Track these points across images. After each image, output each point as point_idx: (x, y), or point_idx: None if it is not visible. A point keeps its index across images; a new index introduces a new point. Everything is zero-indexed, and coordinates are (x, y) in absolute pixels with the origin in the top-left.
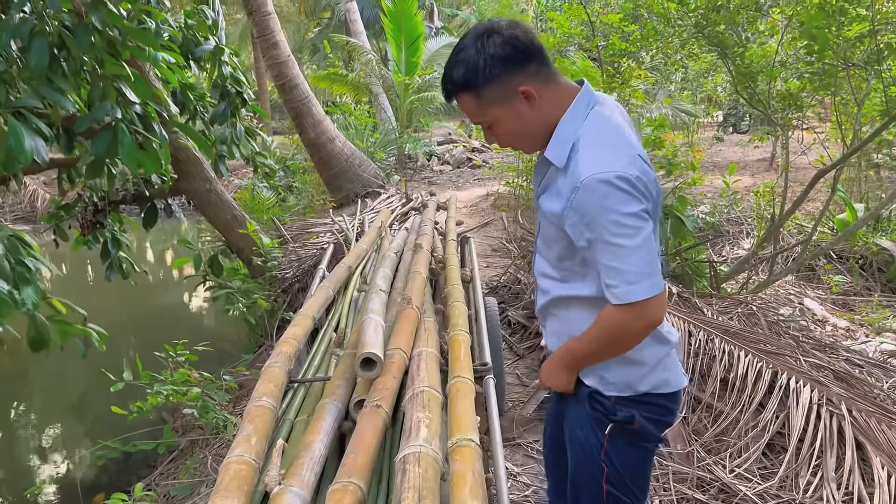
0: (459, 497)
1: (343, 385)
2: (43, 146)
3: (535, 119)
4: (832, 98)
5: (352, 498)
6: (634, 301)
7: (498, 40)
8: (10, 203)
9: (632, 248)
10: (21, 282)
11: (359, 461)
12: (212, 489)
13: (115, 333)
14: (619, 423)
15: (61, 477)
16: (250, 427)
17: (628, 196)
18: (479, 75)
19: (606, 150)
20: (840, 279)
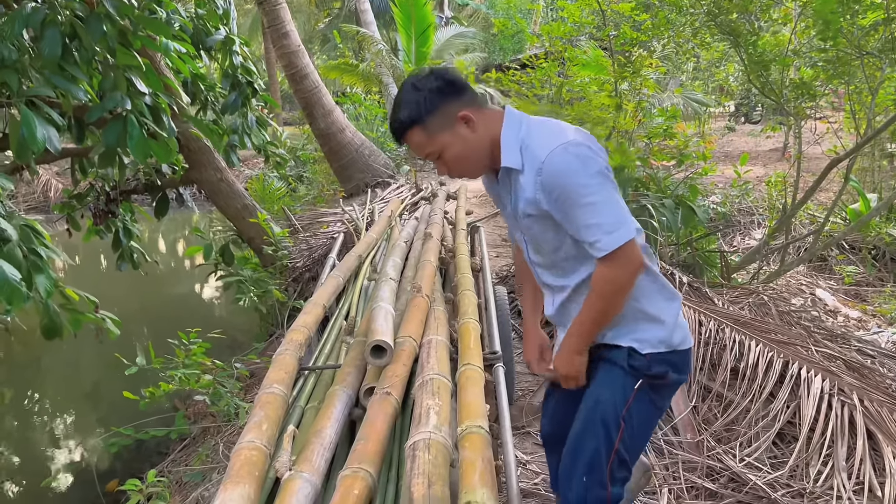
0: (469, 484)
1: (353, 372)
2: (55, 135)
3: (476, 141)
4: (846, 87)
5: (362, 484)
6: (617, 247)
7: (431, 78)
8: (24, 193)
9: (603, 202)
10: (33, 270)
11: (369, 448)
12: (223, 475)
13: (128, 323)
14: (652, 377)
15: (76, 464)
16: (261, 414)
17: (586, 158)
18: (421, 109)
19: (552, 131)
20: (852, 269)
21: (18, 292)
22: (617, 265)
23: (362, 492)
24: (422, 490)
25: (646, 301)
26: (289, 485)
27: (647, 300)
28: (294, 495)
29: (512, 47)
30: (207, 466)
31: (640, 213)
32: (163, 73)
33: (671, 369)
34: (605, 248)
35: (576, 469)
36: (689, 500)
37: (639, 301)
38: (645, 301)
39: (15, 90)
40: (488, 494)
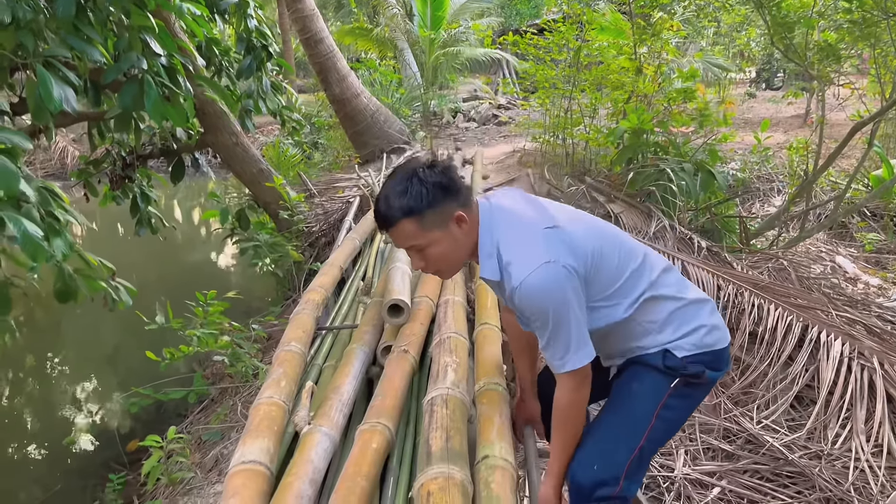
0: (487, 438)
1: (370, 331)
2: (72, 95)
3: (464, 242)
4: (871, 50)
5: (380, 438)
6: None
7: (436, 171)
8: (41, 160)
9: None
10: (51, 233)
11: (387, 403)
12: (241, 434)
13: (145, 289)
14: (689, 376)
15: (97, 425)
16: (280, 371)
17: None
18: (422, 201)
19: (524, 248)
20: (874, 237)
21: (41, 249)
22: (564, 388)
23: (380, 445)
24: (440, 443)
25: (673, 324)
26: (307, 438)
27: (674, 323)
28: (313, 448)
29: (529, 12)
30: (226, 425)
31: (659, 178)
32: (177, 36)
33: (707, 368)
34: (558, 371)
35: (593, 457)
36: (706, 461)
37: (665, 326)
38: (672, 325)
39: (31, 51)
40: (506, 449)
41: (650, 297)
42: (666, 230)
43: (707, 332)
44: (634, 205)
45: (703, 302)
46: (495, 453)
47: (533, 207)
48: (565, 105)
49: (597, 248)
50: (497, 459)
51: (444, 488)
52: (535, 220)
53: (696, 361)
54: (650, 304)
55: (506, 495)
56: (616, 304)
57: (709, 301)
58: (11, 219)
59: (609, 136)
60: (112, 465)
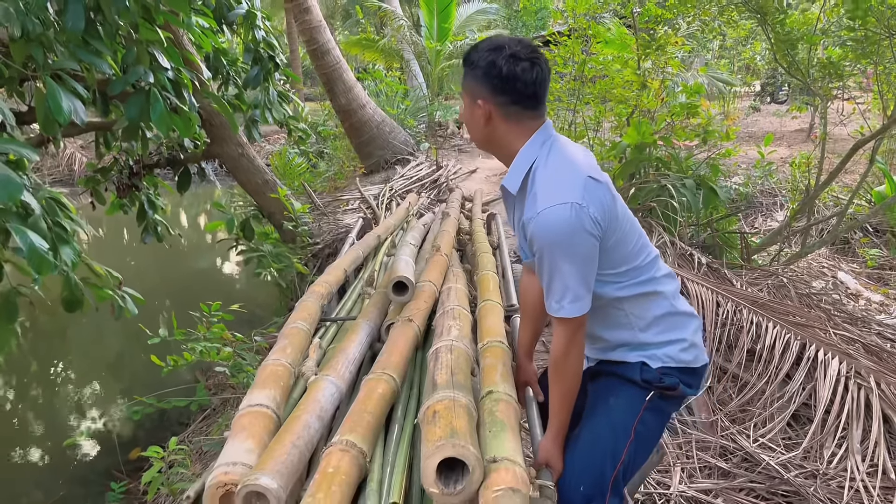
0: (491, 380)
1: (375, 312)
2: (81, 107)
3: (480, 128)
4: (874, 67)
5: (386, 385)
6: (559, 318)
7: (492, 58)
8: (49, 166)
9: (562, 272)
10: (58, 241)
11: (392, 359)
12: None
13: (150, 297)
14: (663, 388)
15: (99, 433)
16: (285, 341)
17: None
18: (472, 65)
19: (561, 180)
20: (876, 253)
21: (46, 261)
22: (560, 334)
23: (385, 392)
24: (445, 377)
25: (657, 328)
26: (315, 384)
27: (659, 326)
28: (320, 391)
29: (535, 24)
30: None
31: (661, 193)
32: (185, 48)
33: (682, 383)
34: (553, 313)
35: (579, 478)
36: (702, 479)
37: (649, 326)
38: (656, 328)
39: (41, 63)
40: (509, 388)
41: (647, 291)
42: (667, 246)
43: (686, 349)
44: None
45: (691, 317)
46: (499, 390)
47: (589, 160)
48: (569, 118)
49: (624, 227)
50: (501, 394)
51: (450, 408)
52: (584, 166)
53: (670, 375)
54: (643, 298)
55: (510, 421)
56: (613, 283)
57: (697, 318)
58: (17, 230)
59: (612, 151)
60: (114, 472)
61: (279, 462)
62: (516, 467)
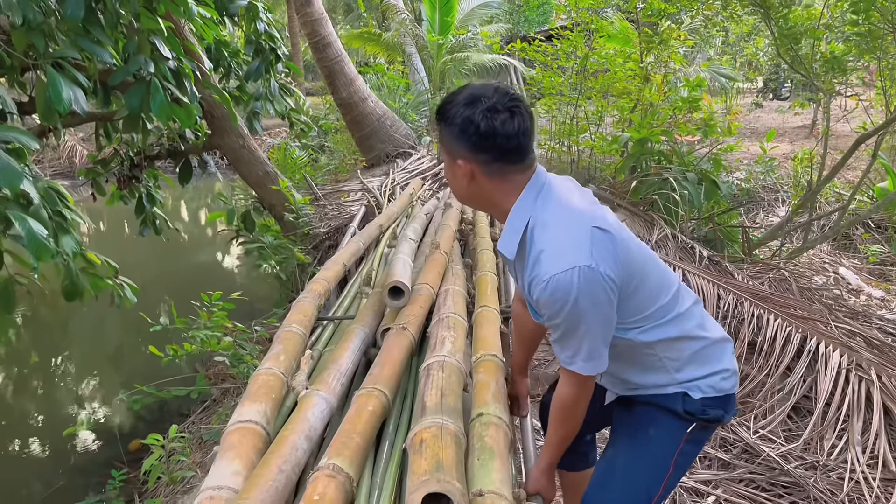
0: (482, 400)
1: (371, 315)
2: (81, 96)
3: (464, 189)
4: (878, 63)
5: (377, 402)
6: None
7: (468, 114)
8: (49, 159)
9: (575, 337)
10: (59, 230)
11: (385, 372)
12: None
13: (149, 289)
14: (706, 420)
15: (100, 423)
16: (279, 347)
17: (582, 291)
18: (447, 120)
19: (564, 241)
20: (877, 249)
21: (45, 248)
22: (567, 384)
23: (376, 408)
24: (434, 400)
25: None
26: (305, 400)
27: (695, 363)
28: (310, 409)
29: (537, 18)
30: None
31: (663, 187)
32: (186, 39)
33: (724, 412)
34: (563, 365)
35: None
36: (702, 470)
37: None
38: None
39: (41, 52)
40: (501, 409)
41: (676, 335)
42: (668, 239)
43: (727, 377)
44: (637, 213)
45: (725, 342)
46: (490, 412)
47: (590, 204)
48: (571, 112)
49: (641, 269)
50: (491, 417)
51: (437, 436)
52: (586, 214)
53: (714, 405)
54: (675, 342)
55: (499, 448)
56: (639, 328)
57: (730, 341)
58: (17, 217)
59: (613, 144)
60: (114, 463)
61: (263, 490)
62: (503, 502)
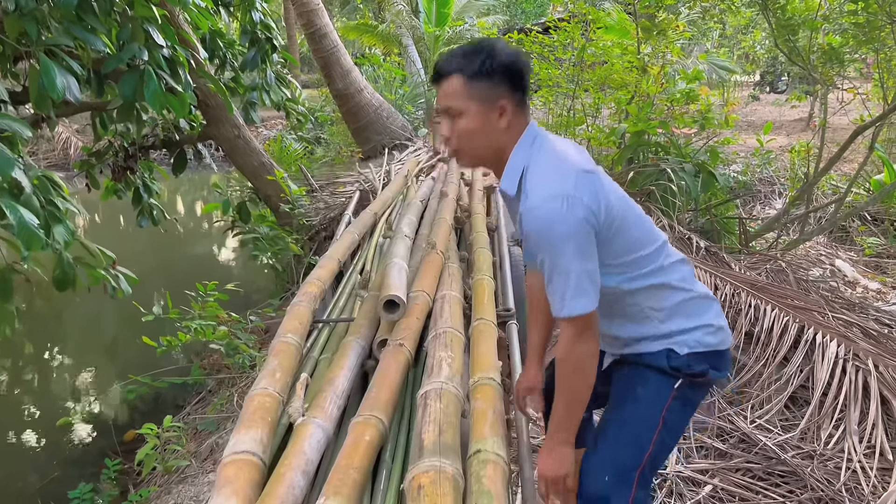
0: (480, 433)
1: (367, 325)
2: (75, 84)
3: (493, 135)
4: (875, 54)
5: (374, 431)
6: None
7: (508, 53)
8: (44, 150)
9: (562, 271)
10: (51, 220)
11: (382, 396)
12: (235, 424)
13: (146, 280)
14: (692, 376)
15: (95, 414)
16: (275, 362)
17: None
18: (480, 66)
19: (550, 173)
20: (874, 241)
21: (36, 237)
22: (565, 336)
23: (373, 438)
24: (432, 437)
25: (680, 316)
26: (301, 430)
27: (681, 314)
28: (306, 440)
29: (534, 10)
30: (222, 416)
31: (660, 178)
32: (181, 28)
33: (711, 367)
34: (557, 314)
35: (604, 467)
36: (698, 459)
37: (670, 316)
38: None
39: (34, 39)
40: (499, 444)
41: (659, 283)
42: (665, 229)
43: (713, 332)
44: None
45: (711, 299)
46: (487, 448)
47: (580, 154)
48: (568, 104)
49: (622, 214)
50: (489, 454)
51: (436, 482)
52: (577, 161)
53: (699, 361)
54: (658, 290)
55: (497, 490)
56: (623, 273)
57: (716, 301)
58: (8, 206)
59: (610, 136)
60: (109, 453)
61: None
62: None
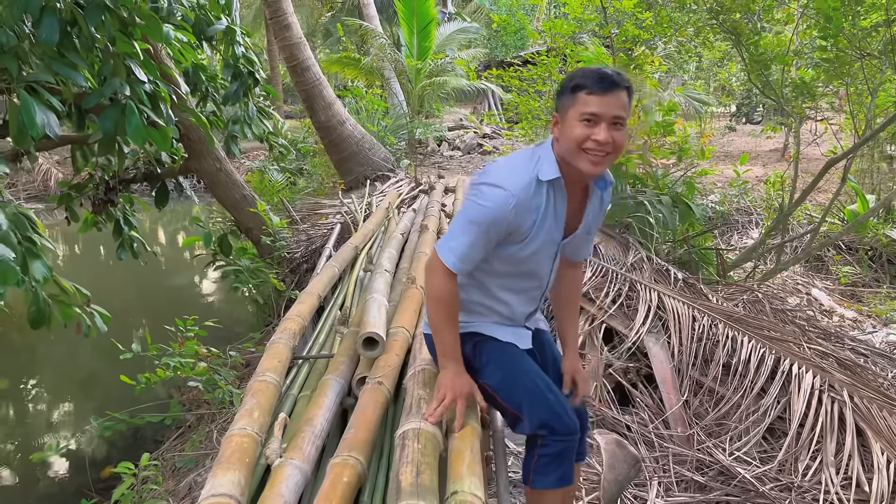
0: (457, 473)
1: (346, 362)
2: (55, 120)
3: None
4: (846, 88)
5: (352, 472)
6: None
7: None
8: (24, 182)
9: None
10: (29, 256)
11: (360, 436)
12: (213, 464)
13: (124, 313)
14: None
15: (71, 451)
16: (253, 401)
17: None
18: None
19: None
20: (849, 270)
21: (12, 271)
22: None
23: (352, 479)
24: (410, 479)
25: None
26: (279, 472)
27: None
28: (284, 482)
29: (514, 44)
30: (201, 452)
31: (637, 210)
32: (163, 63)
33: None
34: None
35: None
36: (679, 493)
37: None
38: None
39: (14, 76)
40: (476, 484)
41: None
42: (644, 261)
43: None
44: (613, 236)
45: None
46: (465, 489)
47: None
48: (548, 135)
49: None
50: (466, 495)
51: None
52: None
53: None
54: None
55: None
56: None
57: None
58: None
59: None
60: (84, 491)
61: None
62: None
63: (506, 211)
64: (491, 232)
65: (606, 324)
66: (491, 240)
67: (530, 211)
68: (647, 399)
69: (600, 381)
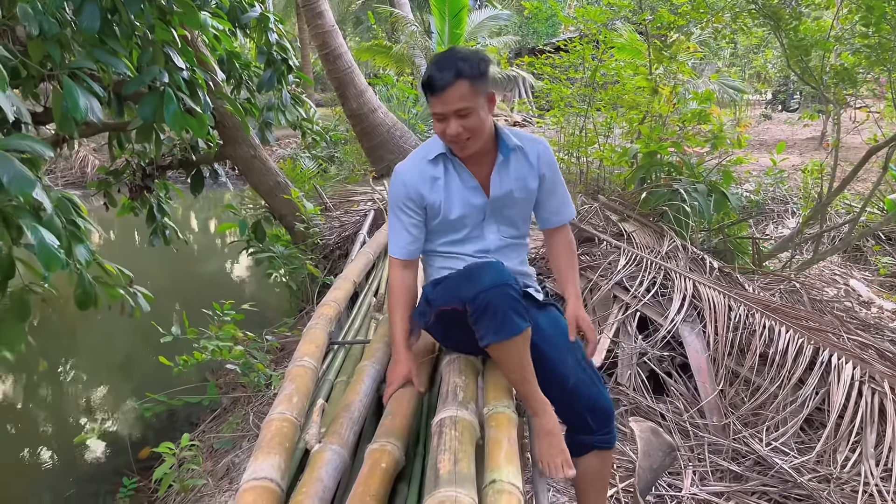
0: (495, 462)
1: (382, 348)
2: (97, 105)
3: (490, 120)
4: (888, 74)
5: (389, 458)
6: None
7: (481, 54)
8: (62, 168)
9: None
10: (73, 240)
11: (396, 423)
12: (253, 443)
13: (161, 299)
14: None
15: (110, 432)
16: (292, 386)
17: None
18: (477, 70)
19: None
20: (888, 261)
21: (56, 258)
22: None
23: (389, 465)
24: (448, 466)
25: None
26: (318, 456)
27: None
28: (323, 467)
29: (546, 31)
30: (238, 434)
31: (673, 198)
32: (199, 50)
33: None
34: (561, 223)
35: None
36: (714, 482)
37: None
38: None
39: (58, 63)
40: (514, 473)
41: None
42: (678, 250)
43: None
44: (647, 224)
45: None
46: (502, 477)
47: None
48: (580, 124)
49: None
50: (504, 484)
51: None
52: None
53: None
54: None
55: None
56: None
57: None
58: (30, 227)
59: (623, 156)
60: (124, 471)
61: None
62: None
63: (400, 189)
64: (405, 211)
65: (641, 312)
66: (412, 218)
67: (426, 182)
68: (681, 388)
69: (634, 370)
